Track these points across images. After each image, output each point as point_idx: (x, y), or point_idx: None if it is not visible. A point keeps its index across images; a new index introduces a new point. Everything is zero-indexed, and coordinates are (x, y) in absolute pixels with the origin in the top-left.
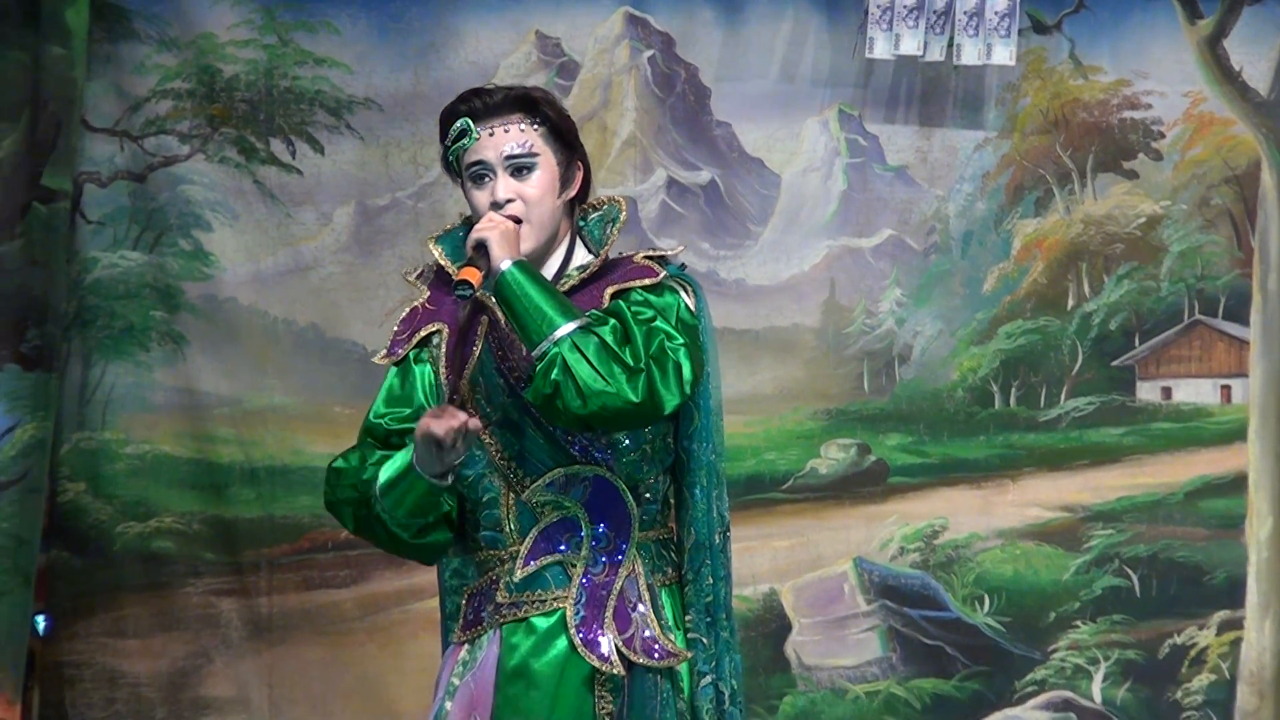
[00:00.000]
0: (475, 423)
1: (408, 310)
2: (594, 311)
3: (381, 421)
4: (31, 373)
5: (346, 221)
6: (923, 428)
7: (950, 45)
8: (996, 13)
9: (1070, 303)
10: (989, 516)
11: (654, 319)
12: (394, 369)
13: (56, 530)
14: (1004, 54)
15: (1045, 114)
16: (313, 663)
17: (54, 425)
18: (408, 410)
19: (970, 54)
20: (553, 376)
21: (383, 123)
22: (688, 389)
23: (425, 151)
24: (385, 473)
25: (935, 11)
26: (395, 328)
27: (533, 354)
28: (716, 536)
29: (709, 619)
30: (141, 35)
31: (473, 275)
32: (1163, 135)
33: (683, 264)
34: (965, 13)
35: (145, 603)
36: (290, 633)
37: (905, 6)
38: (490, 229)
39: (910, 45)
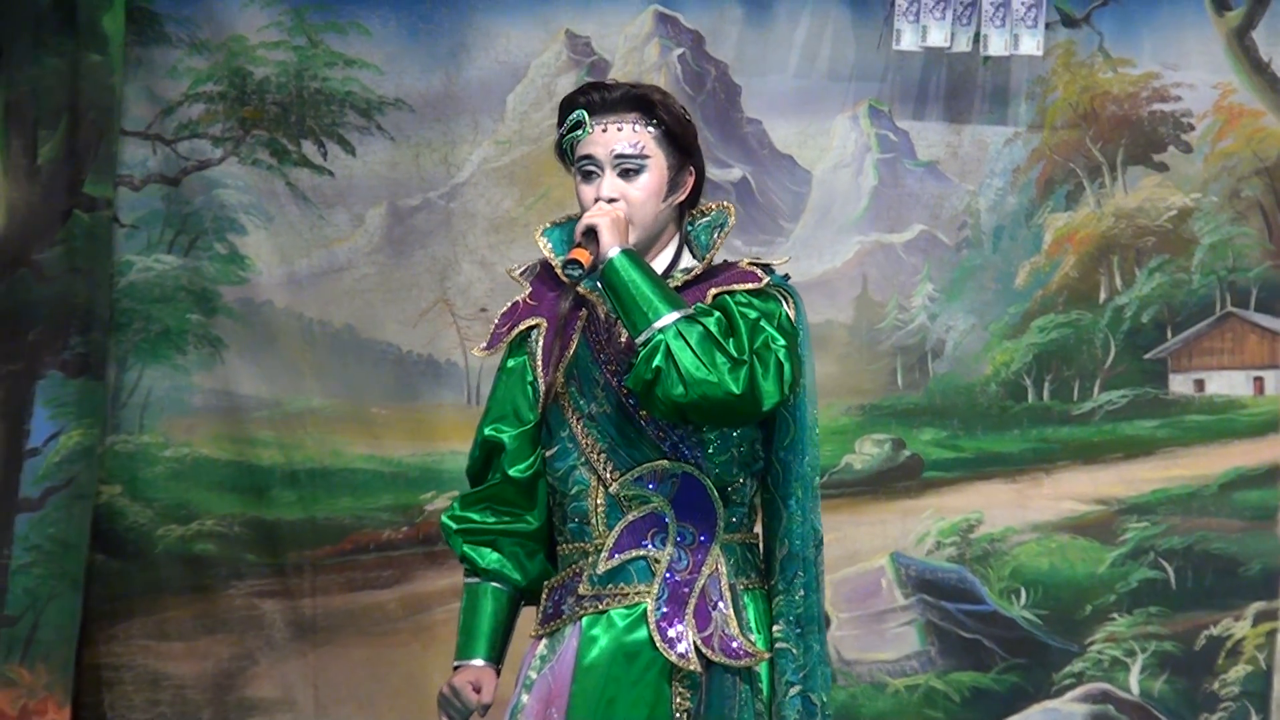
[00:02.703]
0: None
1: (509, 305)
2: (699, 304)
3: (495, 434)
4: (76, 380)
5: (379, 222)
6: (957, 422)
7: (977, 37)
8: (1023, 3)
9: (1102, 296)
10: (1024, 510)
11: (759, 319)
12: (498, 373)
13: (93, 533)
14: (1031, 44)
15: (1075, 107)
16: (358, 663)
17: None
18: (505, 411)
19: (997, 45)
20: (655, 363)
21: (413, 123)
22: (787, 389)
23: (456, 151)
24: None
25: (962, 3)
26: (496, 321)
27: (636, 340)
28: (810, 549)
29: (799, 630)
30: (173, 39)
31: (583, 256)
32: (1192, 127)
33: (787, 274)
34: (992, 4)
35: (188, 605)
36: (335, 634)
37: None
38: (601, 215)
39: (937, 37)
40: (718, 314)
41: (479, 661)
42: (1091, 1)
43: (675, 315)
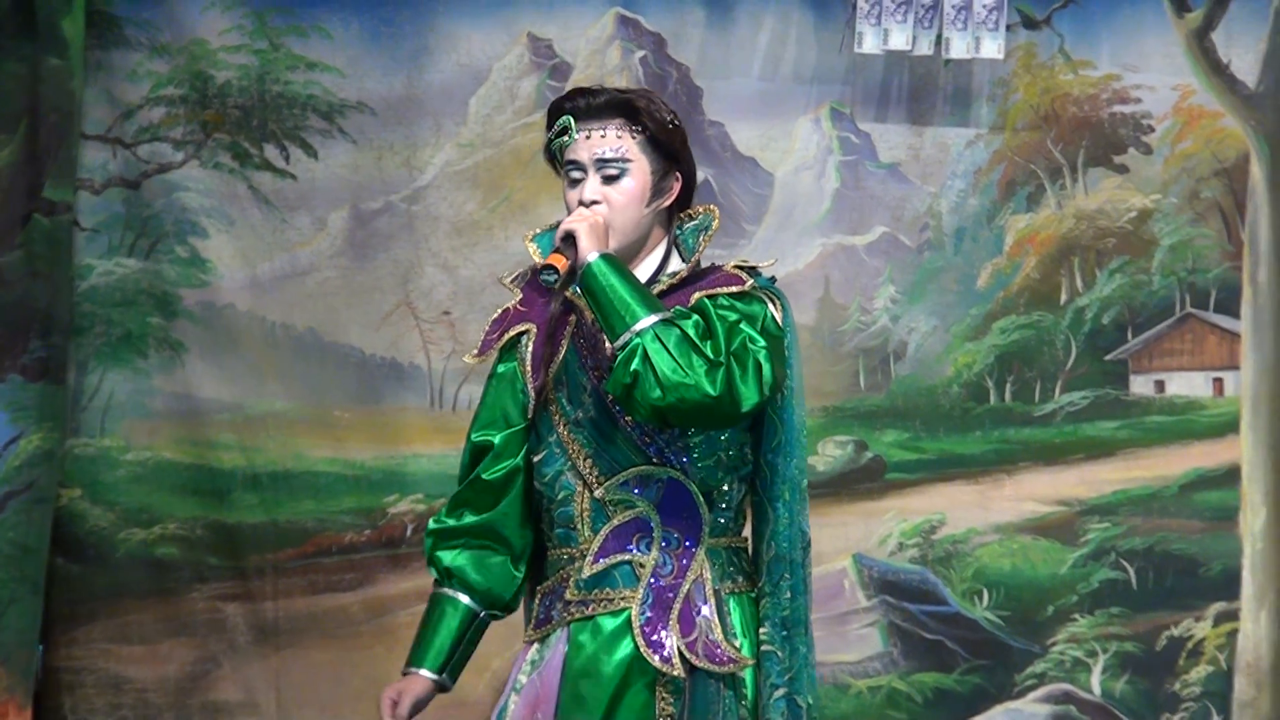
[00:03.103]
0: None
1: (500, 311)
2: (678, 308)
3: (483, 438)
4: (36, 384)
5: (341, 226)
6: (919, 424)
7: (939, 40)
8: (984, 6)
9: (1063, 297)
10: (986, 511)
11: (739, 321)
12: (489, 379)
13: (53, 536)
14: (992, 48)
15: (1036, 109)
16: (321, 666)
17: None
18: (494, 416)
19: (959, 48)
20: (633, 367)
21: (375, 126)
22: (767, 390)
23: (418, 154)
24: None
25: (923, 6)
26: (487, 328)
27: (614, 344)
28: (798, 551)
29: (785, 633)
30: (133, 42)
31: (559, 261)
32: (1152, 129)
33: (773, 277)
34: (953, 6)
35: (149, 608)
36: (297, 637)
37: (894, 1)
38: (580, 221)
39: (899, 40)
40: (696, 317)
41: (424, 671)
42: (1052, 3)
43: (653, 319)
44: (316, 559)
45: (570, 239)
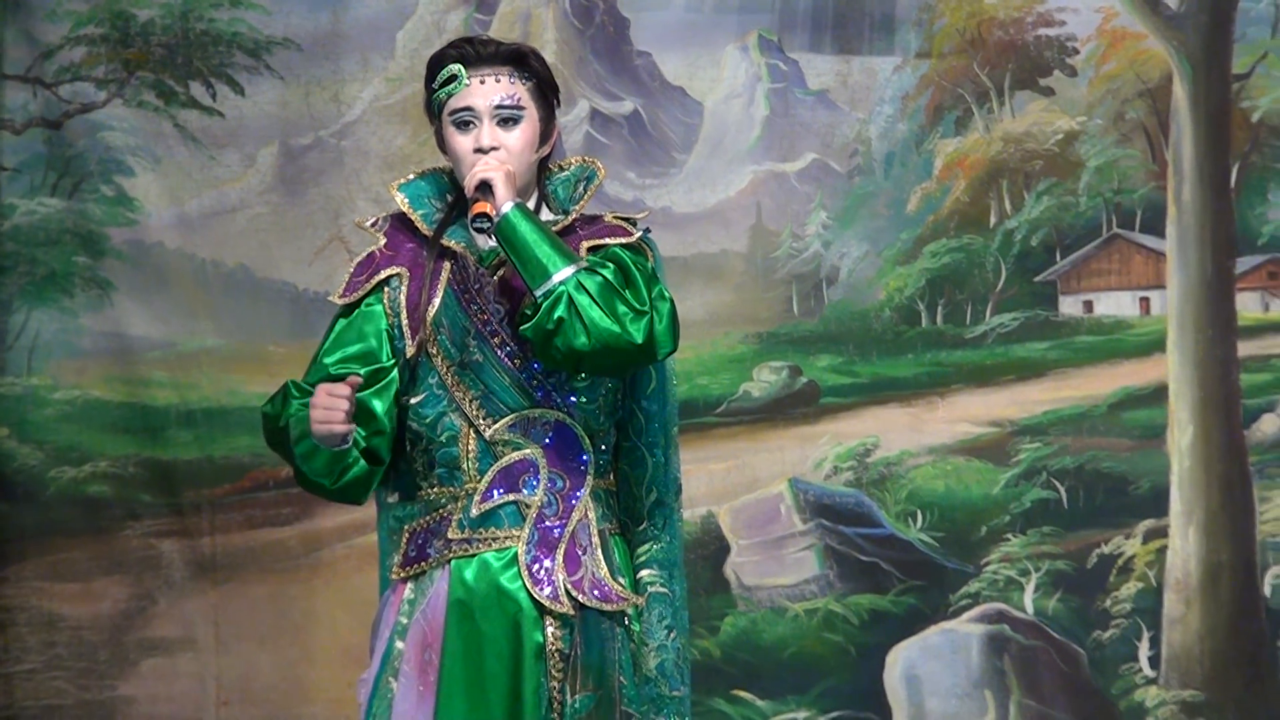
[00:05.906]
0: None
1: (365, 255)
2: (591, 257)
3: (330, 366)
4: None
5: (270, 162)
6: (852, 348)
7: None
8: None
9: (992, 220)
10: (919, 434)
11: (650, 270)
12: (342, 317)
13: None
14: None
15: (961, 34)
16: (259, 600)
17: None
18: (354, 350)
19: None
20: (558, 313)
21: (302, 62)
22: (677, 340)
23: (346, 89)
24: (294, 432)
25: None
26: (351, 270)
27: (536, 292)
28: (671, 495)
29: (669, 574)
30: None
31: (488, 208)
32: (1077, 51)
33: (648, 228)
34: None
35: (83, 546)
36: (235, 571)
37: None
38: (495, 170)
39: None
40: (613, 265)
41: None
42: None
43: (573, 268)
44: (253, 494)
45: (487, 187)
